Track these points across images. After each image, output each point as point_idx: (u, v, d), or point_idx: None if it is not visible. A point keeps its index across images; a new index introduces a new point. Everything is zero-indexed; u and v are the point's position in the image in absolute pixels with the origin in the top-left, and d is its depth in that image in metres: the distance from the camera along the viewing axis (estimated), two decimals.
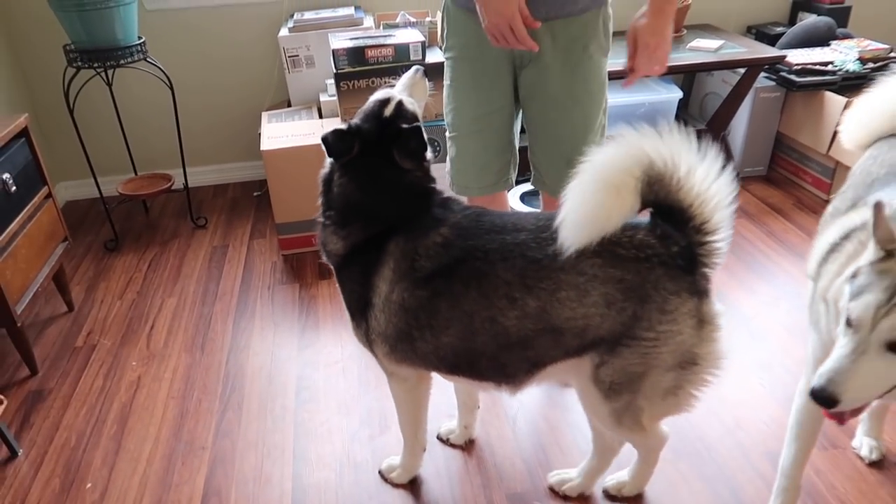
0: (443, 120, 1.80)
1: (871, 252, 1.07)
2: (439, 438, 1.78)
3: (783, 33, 3.14)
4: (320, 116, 2.80)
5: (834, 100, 2.73)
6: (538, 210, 2.24)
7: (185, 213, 3.02)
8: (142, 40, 2.63)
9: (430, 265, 1.29)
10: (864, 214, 1.19)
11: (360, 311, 1.40)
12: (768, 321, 2.16)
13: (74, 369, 2.12)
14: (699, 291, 1.22)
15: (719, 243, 1.20)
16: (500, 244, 1.27)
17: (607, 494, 1.59)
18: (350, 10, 2.93)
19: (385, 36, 2.58)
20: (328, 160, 1.40)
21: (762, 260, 2.48)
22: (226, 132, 3.25)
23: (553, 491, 1.61)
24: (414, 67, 1.54)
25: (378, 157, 1.35)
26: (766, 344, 2.06)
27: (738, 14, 3.33)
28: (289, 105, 2.99)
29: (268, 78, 3.14)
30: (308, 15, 2.91)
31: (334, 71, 2.50)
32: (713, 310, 1.24)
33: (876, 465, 1.63)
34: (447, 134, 1.81)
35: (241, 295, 2.46)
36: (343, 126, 1.35)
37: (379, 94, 1.42)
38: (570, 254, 1.19)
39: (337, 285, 1.46)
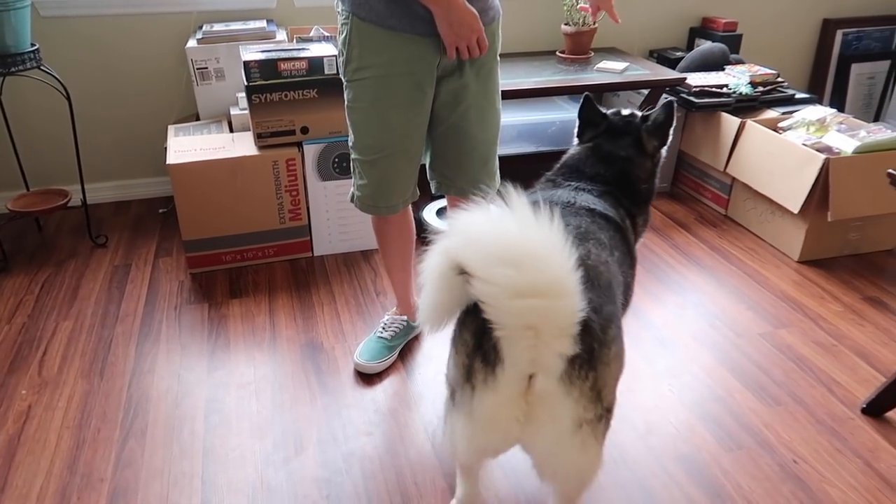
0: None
1: None
2: None
3: (682, 58, 3.32)
4: (231, 130, 2.71)
5: (729, 120, 2.90)
6: None
7: (83, 232, 2.84)
8: (35, 47, 2.47)
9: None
10: None
11: None
12: (676, 330, 2.25)
13: None
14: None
15: None
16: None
17: None
18: (262, 23, 2.87)
19: (299, 49, 2.53)
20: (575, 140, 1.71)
21: (668, 272, 2.58)
22: (129, 146, 3.09)
23: None
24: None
25: (618, 139, 1.64)
26: (674, 351, 2.14)
27: (641, 38, 3.50)
28: (197, 119, 2.88)
29: (175, 90, 3.02)
30: (218, 26, 2.83)
31: (246, 84, 2.42)
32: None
33: (779, 464, 1.72)
34: (362, 157, 1.78)
35: (145, 316, 2.33)
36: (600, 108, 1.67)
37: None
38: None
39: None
